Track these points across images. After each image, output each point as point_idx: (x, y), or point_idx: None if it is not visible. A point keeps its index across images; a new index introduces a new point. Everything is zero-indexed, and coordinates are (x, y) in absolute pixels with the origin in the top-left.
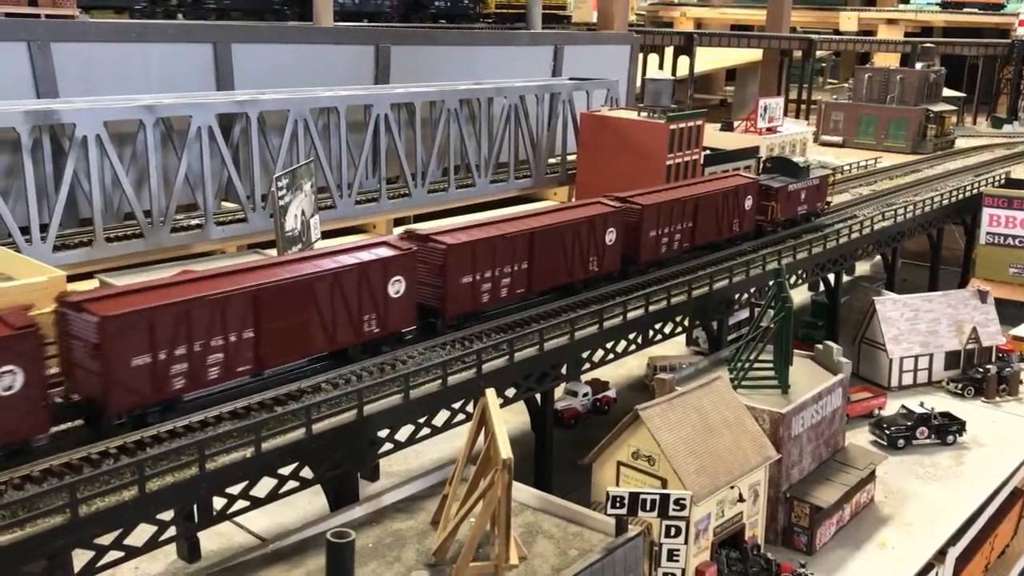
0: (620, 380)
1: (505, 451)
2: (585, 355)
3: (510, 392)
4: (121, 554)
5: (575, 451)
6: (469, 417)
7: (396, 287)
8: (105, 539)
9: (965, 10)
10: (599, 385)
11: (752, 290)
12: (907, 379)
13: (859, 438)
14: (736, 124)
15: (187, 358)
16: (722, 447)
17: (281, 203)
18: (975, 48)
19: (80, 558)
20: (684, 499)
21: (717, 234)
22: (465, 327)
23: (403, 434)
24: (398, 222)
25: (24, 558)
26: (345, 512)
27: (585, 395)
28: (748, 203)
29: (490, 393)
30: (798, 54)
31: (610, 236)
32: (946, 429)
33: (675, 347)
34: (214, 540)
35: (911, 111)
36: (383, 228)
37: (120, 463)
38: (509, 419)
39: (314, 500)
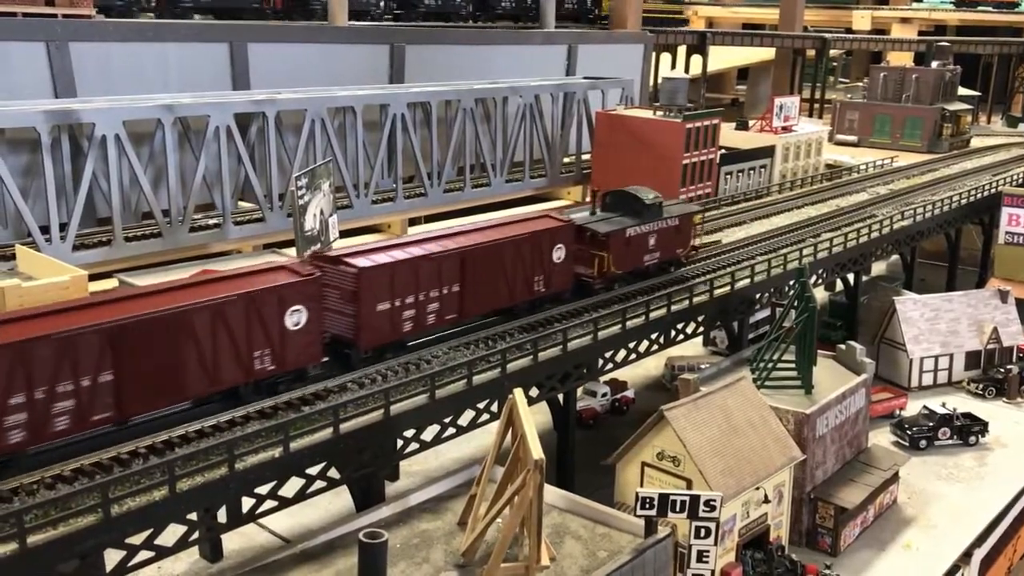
0: (638, 381)
1: (536, 452)
2: (608, 355)
3: (534, 392)
4: (151, 554)
5: (594, 451)
6: (493, 417)
7: None
8: (135, 539)
9: (979, 8)
10: (618, 385)
11: (772, 290)
12: (927, 379)
13: (880, 439)
14: (751, 123)
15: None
16: (747, 448)
17: (300, 202)
18: (990, 47)
19: (111, 558)
20: (714, 500)
21: (507, 299)
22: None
23: (428, 434)
24: (412, 221)
25: (57, 557)
26: (372, 512)
27: (604, 395)
28: (558, 254)
29: (518, 393)
30: (811, 53)
31: (295, 317)
32: (968, 430)
33: (693, 348)
34: (235, 540)
35: (927, 110)
36: (398, 227)
37: (150, 463)
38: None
39: (335, 500)
